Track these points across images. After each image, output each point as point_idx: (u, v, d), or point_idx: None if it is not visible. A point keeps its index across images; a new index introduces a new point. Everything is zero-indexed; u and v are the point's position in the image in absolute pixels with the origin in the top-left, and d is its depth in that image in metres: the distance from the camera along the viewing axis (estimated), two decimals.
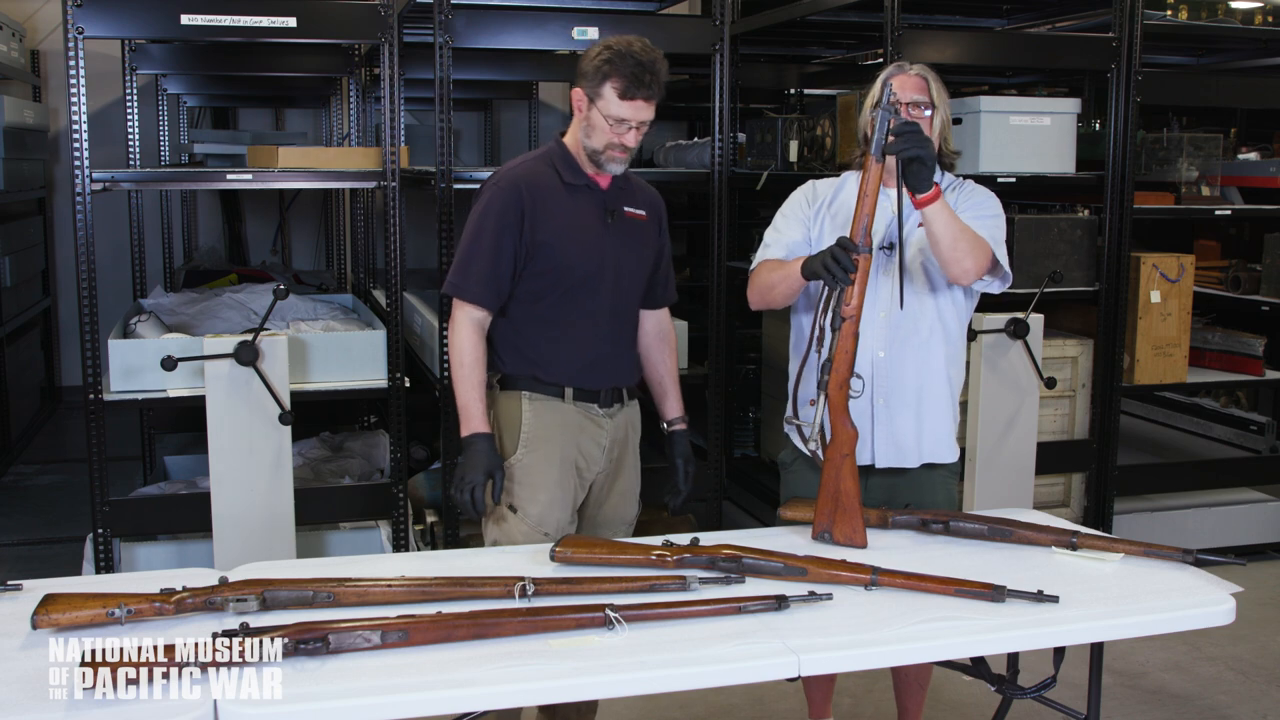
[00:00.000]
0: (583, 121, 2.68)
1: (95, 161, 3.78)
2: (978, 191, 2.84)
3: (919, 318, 2.75)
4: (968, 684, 3.64)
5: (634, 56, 2.60)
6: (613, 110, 2.62)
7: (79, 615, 1.97)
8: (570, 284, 2.72)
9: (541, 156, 2.78)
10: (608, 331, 2.78)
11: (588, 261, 2.72)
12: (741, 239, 5.27)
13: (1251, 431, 5.64)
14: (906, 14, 4.27)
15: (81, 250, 3.78)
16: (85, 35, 3.69)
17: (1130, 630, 2.24)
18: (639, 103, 2.62)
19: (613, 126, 2.63)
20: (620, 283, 2.78)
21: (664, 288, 2.94)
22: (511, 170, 2.74)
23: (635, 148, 2.70)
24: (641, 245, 2.83)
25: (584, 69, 2.66)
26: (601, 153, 2.68)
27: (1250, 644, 4.13)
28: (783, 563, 2.30)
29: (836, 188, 2.88)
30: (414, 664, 1.92)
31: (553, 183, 2.72)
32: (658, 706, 3.56)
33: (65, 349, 7.95)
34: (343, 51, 5.86)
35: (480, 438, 2.65)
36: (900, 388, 2.76)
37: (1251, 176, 5.40)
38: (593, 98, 2.64)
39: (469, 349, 2.68)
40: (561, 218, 2.70)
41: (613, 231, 2.76)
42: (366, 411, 5.71)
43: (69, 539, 4.94)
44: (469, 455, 2.65)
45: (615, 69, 2.60)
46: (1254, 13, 5.03)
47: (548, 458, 2.73)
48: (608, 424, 2.80)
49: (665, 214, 2.94)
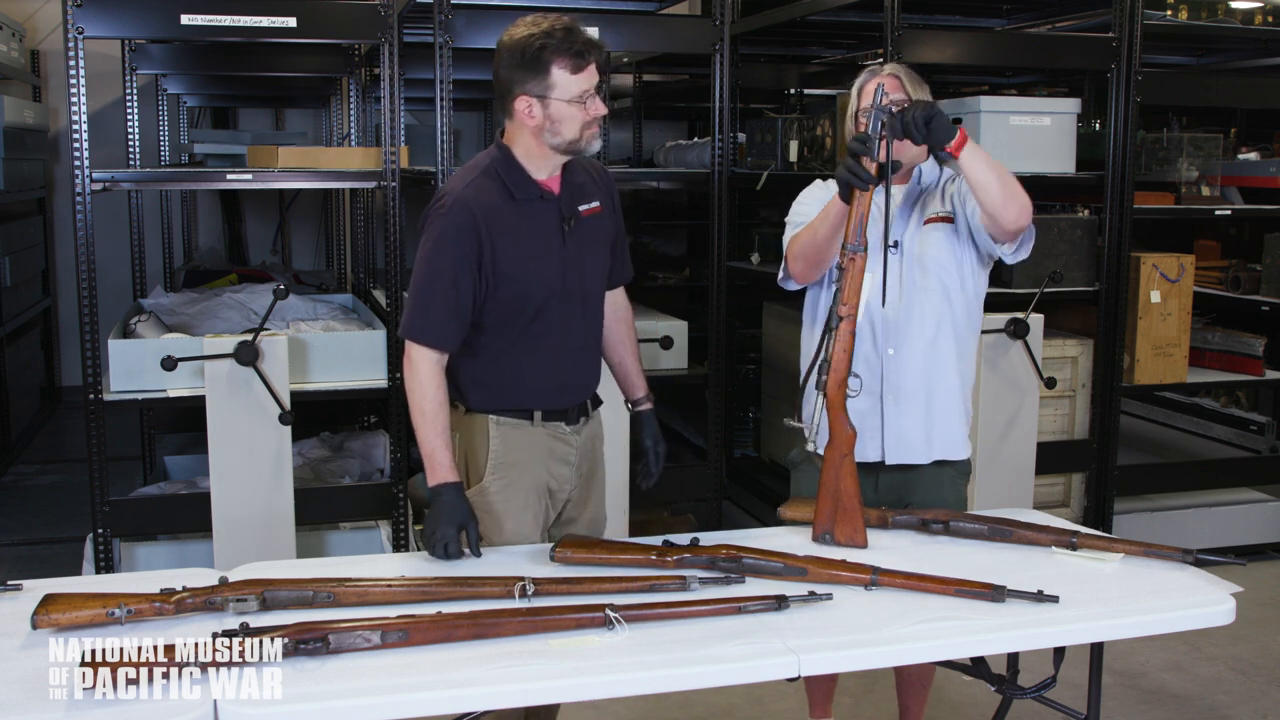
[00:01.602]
0: (544, 124, 2.46)
1: (95, 161, 3.78)
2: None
3: (927, 315, 2.74)
4: (968, 684, 3.64)
5: (559, 29, 2.42)
6: (572, 90, 2.43)
7: (79, 615, 1.97)
8: (535, 308, 2.54)
9: (485, 171, 2.53)
10: (578, 345, 2.65)
11: (551, 281, 2.54)
12: (741, 239, 5.27)
13: (1251, 431, 5.64)
14: (906, 14, 4.27)
15: (81, 250, 3.77)
16: (85, 35, 3.69)
17: (1130, 630, 2.24)
18: (591, 67, 2.45)
19: (582, 106, 2.44)
20: (586, 290, 2.62)
21: (620, 267, 2.78)
22: (458, 194, 2.49)
23: (606, 111, 2.53)
24: (601, 242, 2.67)
25: (514, 74, 2.44)
26: (579, 139, 2.49)
27: (1250, 644, 4.13)
28: (782, 563, 2.30)
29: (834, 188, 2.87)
30: (414, 664, 1.92)
31: (503, 201, 2.50)
32: (658, 706, 3.56)
33: (65, 349, 7.94)
34: (343, 51, 5.86)
35: (448, 488, 2.46)
36: (909, 385, 2.76)
37: (1251, 176, 5.40)
38: (543, 94, 2.43)
39: (431, 393, 2.48)
40: (518, 240, 2.50)
41: (571, 240, 2.57)
42: (366, 411, 5.71)
43: (69, 539, 4.93)
44: (438, 508, 2.45)
45: (552, 51, 2.41)
46: (1254, 13, 5.02)
47: (515, 484, 2.61)
48: (576, 440, 2.67)
49: (615, 188, 2.75)
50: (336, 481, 4.59)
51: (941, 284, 2.76)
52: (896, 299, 2.73)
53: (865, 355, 2.74)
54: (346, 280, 6.93)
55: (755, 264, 5.14)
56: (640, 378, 2.87)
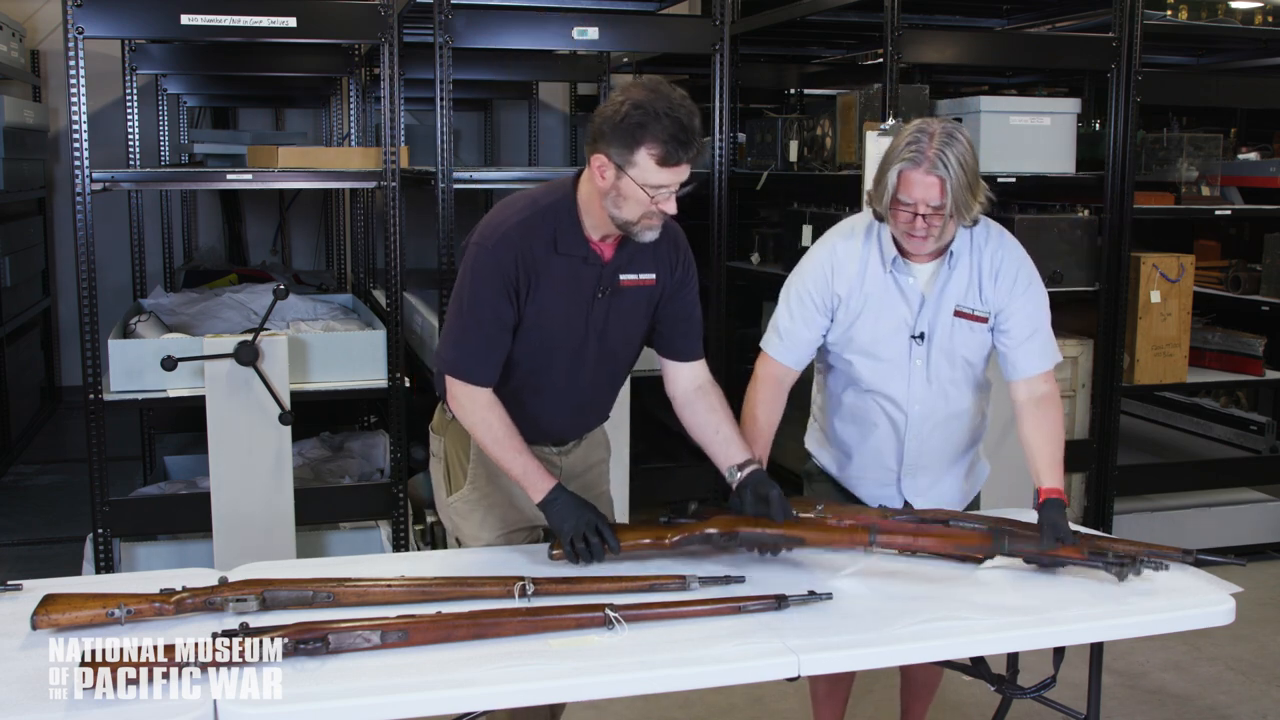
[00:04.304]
0: (609, 191, 2.29)
1: (95, 161, 3.78)
2: (1016, 282, 2.57)
3: (951, 402, 2.66)
4: (968, 684, 3.64)
5: (671, 116, 2.22)
6: (650, 179, 2.25)
7: (79, 615, 1.97)
8: (544, 358, 2.46)
9: (545, 211, 2.39)
10: (583, 399, 2.56)
11: (568, 340, 2.44)
12: (741, 239, 5.27)
13: (1251, 431, 5.64)
14: (906, 14, 4.27)
15: (81, 250, 3.77)
16: (85, 35, 3.69)
17: (1130, 630, 2.24)
18: (681, 167, 2.26)
19: (651, 195, 2.27)
20: (605, 353, 2.51)
21: (687, 340, 2.56)
22: (506, 232, 2.36)
23: (675, 212, 2.34)
24: (638, 313, 2.51)
25: (606, 130, 2.26)
26: (636, 224, 2.32)
27: (1250, 644, 4.12)
28: (781, 532, 2.32)
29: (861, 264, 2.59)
30: (414, 664, 1.92)
31: (546, 249, 2.37)
32: (658, 706, 3.56)
33: (65, 349, 7.94)
34: (343, 51, 5.87)
35: (556, 493, 2.37)
36: (926, 462, 2.71)
37: (1251, 176, 5.40)
38: (622, 165, 2.25)
39: (494, 421, 2.40)
40: (550, 293, 2.39)
41: (601, 305, 2.44)
42: (366, 411, 5.71)
43: (69, 539, 4.93)
44: (558, 512, 2.36)
45: (651, 134, 2.22)
46: (1254, 13, 5.03)
47: (495, 495, 2.57)
48: (563, 460, 2.60)
49: (689, 263, 2.55)
50: (336, 481, 4.59)
51: (967, 374, 2.66)
52: (922, 387, 2.63)
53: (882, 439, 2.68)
54: (346, 280, 6.94)
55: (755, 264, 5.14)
56: (739, 445, 2.51)
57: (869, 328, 2.59)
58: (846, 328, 2.61)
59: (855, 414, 2.68)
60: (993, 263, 2.56)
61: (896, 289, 2.57)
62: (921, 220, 2.43)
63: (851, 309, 2.59)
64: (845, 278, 2.59)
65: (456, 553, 2.57)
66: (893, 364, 2.60)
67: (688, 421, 2.59)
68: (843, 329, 2.61)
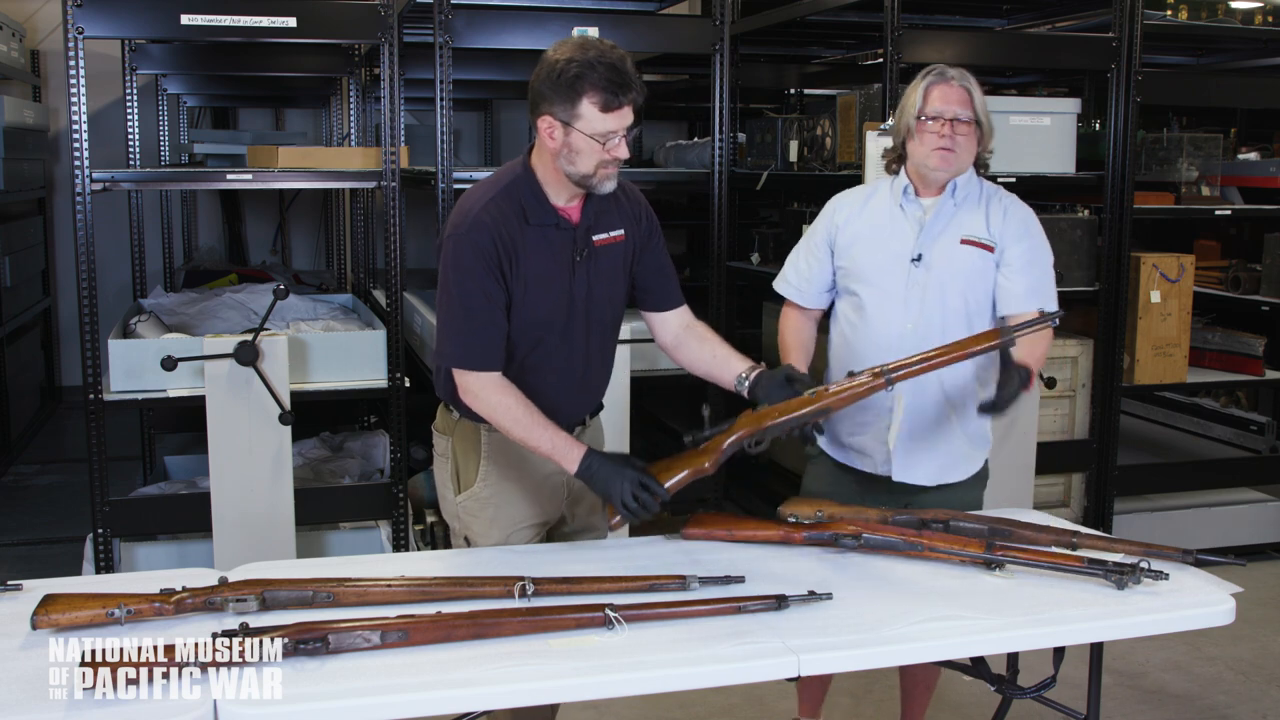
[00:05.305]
0: (561, 150, 2.36)
1: (95, 161, 3.78)
2: (1027, 227, 2.73)
3: (949, 333, 2.66)
4: (968, 684, 3.64)
5: (604, 62, 2.30)
6: (597, 127, 2.32)
7: (79, 615, 1.97)
8: (537, 337, 2.48)
9: (506, 189, 2.44)
10: (579, 375, 2.58)
11: (556, 311, 2.47)
12: (741, 239, 5.27)
13: (1251, 431, 5.64)
14: (906, 14, 4.27)
15: (81, 250, 3.78)
16: (85, 35, 3.70)
17: (1130, 630, 2.24)
18: (624, 110, 2.33)
19: (602, 143, 2.34)
20: (593, 319, 2.54)
21: (667, 289, 2.65)
22: (476, 216, 2.40)
23: (628, 156, 2.41)
24: (616, 272, 2.56)
25: (546, 92, 2.33)
26: (593, 175, 2.38)
27: (1250, 644, 4.13)
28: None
29: (866, 196, 2.80)
30: (414, 664, 1.92)
31: (518, 225, 2.42)
32: (658, 706, 3.56)
33: (65, 349, 7.95)
34: (343, 51, 5.87)
35: (591, 457, 2.39)
36: (926, 406, 2.72)
37: (1251, 176, 5.40)
38: (568, 121, 2.33)
39: (511, 404, 2.41)
40: (528, 267, 2.43)
41: (581, 270, 2.48)
42: (366, 411, 5.71)
43: (69, 539, 4.94)
44: (601, 475, 2.38)
45: (590, 83, 2.30)
46: (1254, 13, 5.03)
47: (506, 489, 2.59)
48: None
49: (650, 215, 2.62)
50: (336, 481, 4.59)
51: (965, 303, 2.70)
52: (917, 316, 2.69)
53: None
54: (346, 280, 6.94)
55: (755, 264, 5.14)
56: (736, 356, 2.62)
57: (868, 254, 2.73)
58: (847, 250, 2.77)
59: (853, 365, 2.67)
60: (1003, 205, 2.75)
61: (902, 217, 2.71)
62: (950, 128, 2.59)
63: (849, 233, 2.77)
64: (845, 207, 2.82)
65: (456, 553, 2.57)
66: (892, 294, 2.71)
67: (684, 359, 2.69)
68: (845, 255, 2.78)
